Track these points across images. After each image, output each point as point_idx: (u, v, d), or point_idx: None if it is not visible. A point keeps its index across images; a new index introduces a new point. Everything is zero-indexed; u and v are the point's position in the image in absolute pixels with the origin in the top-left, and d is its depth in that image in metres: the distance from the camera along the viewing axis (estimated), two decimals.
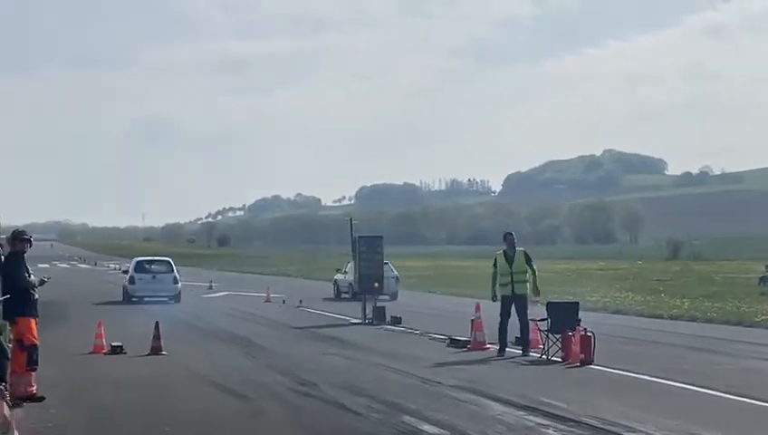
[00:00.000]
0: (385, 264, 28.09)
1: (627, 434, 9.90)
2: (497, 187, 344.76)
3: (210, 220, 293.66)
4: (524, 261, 17.40)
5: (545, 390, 12.70)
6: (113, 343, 17.49)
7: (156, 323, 17.52)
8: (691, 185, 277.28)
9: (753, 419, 11.15)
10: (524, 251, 17.66)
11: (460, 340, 18.43)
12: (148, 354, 16.95)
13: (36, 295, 12.21)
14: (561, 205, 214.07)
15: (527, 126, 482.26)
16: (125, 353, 17.17)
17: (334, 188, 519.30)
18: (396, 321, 23.71)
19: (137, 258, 37.22)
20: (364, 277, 25.41)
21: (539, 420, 10.62)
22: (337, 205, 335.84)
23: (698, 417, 10.83)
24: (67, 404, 11.82)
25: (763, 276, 38.44)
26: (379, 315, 24.41)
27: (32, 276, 12.14)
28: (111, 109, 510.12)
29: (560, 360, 15.96)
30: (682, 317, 26.14)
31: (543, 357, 16.31)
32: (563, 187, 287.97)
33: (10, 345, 12.11)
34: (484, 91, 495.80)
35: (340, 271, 38.30)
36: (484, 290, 21.04)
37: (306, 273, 63.05)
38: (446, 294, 39.21)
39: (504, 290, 17.31)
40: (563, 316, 16.38)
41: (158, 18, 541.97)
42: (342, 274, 37.65)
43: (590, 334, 15.77)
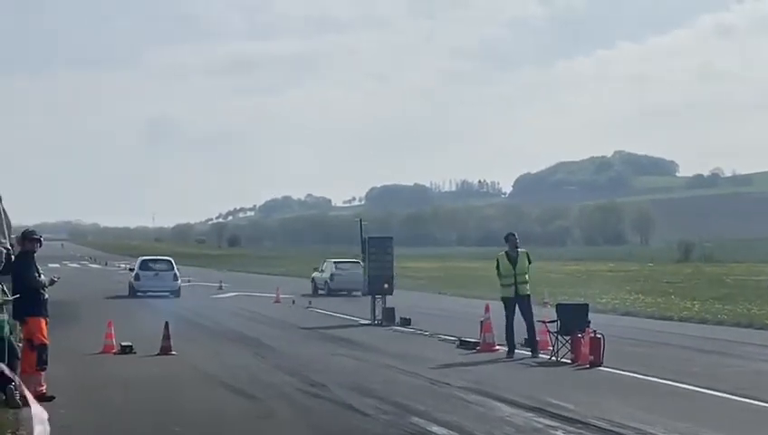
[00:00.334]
0: None
1: None
2: (508, 188, 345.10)
3: (221, 221, 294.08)
4: (527, 262, 17.38)
5: (554, 391, 12.69)
6: (123, 343, 17.56)
7: (165, 323, 17.59)
8: (702, 187, 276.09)
9: (763, 421, 11.14)
10: (526, 252, 17.64)
11: (470, 341, 18.41)
12: (158, 354, 17.01)
13: (46, 295, 12.24)
14: (572, 206, 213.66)
15: (538, 127, 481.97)
16: (135, 353, 17.24)
17: (344, 188, 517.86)
18: (405, 322, 23.68)
19: (141, 257, 40.86)
20: (374, 278, 25.21)
21: (547, 421, 10.62)
22: (347, 205, 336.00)
23: (707, 419, 10.82)
24: (77, 404, 11.86)
25: None
26: (389, 316, 24.38)
27: (42, 276, 12.16)
28: (122, 109, 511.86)
29: (569, 361, 15.95)
30: (692, 319, 26.05)
31: (553, 359, 16.30)
32: (574, 188, 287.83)
33: (20, 345, 12.18)
34: (495, 93, 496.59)
35: (317, 269, 42.16)
36: (493, 291, 21.02)
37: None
38: (456, 296, 39.16)
39: (508, 291, 17.29)
40: (573, 318, 16.37)
41: (166, 20, 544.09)
42: (319, 272, 41.62)
43: (599, 336, 15.75)
